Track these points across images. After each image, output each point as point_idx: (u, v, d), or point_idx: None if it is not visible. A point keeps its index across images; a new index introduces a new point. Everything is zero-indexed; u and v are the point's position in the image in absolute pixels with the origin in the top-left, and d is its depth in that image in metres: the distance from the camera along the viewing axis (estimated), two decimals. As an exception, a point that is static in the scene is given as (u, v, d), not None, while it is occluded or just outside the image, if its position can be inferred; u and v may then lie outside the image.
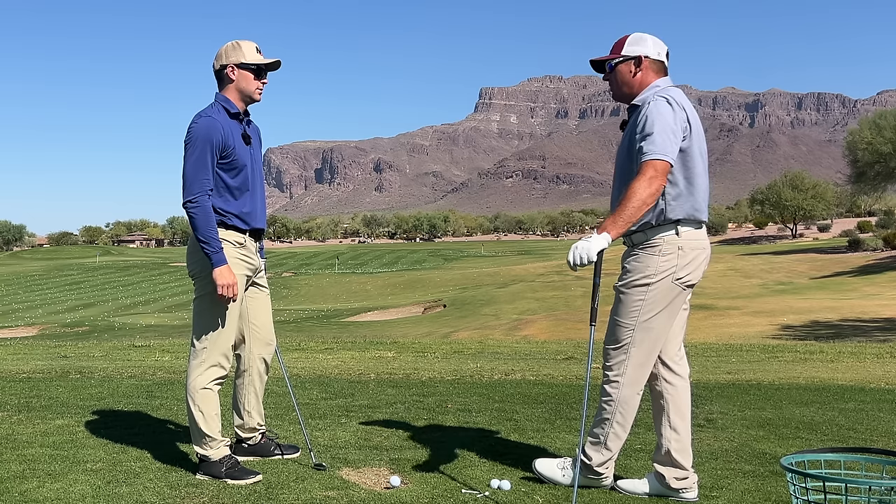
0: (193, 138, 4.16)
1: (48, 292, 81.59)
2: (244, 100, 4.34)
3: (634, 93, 4.02)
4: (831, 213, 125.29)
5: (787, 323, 33.33)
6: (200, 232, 4.15)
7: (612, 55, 4.05)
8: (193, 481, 4.24)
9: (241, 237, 4.35)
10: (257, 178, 4.42)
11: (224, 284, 4.17)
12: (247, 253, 4.39)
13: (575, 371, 9.02)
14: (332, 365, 9.76)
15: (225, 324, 4.30)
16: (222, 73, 4.30)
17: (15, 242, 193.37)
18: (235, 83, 4.29)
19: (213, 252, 4.17)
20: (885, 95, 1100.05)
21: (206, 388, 4.32)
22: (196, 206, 4.14)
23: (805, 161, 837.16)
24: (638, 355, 3.94)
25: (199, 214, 4.14)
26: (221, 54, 4.30)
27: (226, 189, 4.27)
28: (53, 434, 5.35)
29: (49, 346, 14.26)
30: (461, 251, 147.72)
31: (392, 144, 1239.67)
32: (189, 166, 4.15)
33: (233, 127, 4.26)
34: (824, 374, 8.93)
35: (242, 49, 4.27)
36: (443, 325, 42.62)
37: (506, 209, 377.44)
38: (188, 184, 4.15)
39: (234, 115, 4.29)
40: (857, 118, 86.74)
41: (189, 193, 4.15)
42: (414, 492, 4.05)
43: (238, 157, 4.25)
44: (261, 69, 4.31)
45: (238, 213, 4.32)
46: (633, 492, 4.08)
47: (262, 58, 4.31)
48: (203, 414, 4.31)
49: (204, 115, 4.22)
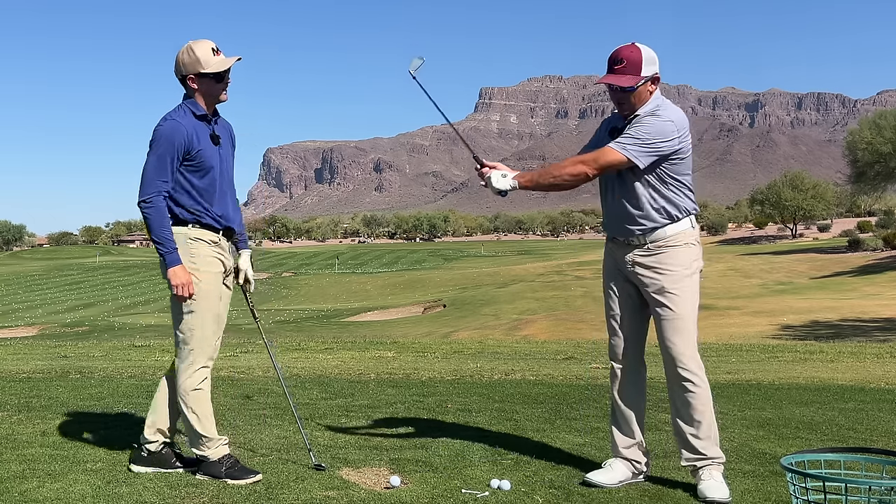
0: (156, 139, 4.17)
1: (48, 292, 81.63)
2: (210, 102, 4.33)
3: (641, 105, 4.16)
4: (831, 213, 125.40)
5: (787, 323, 33.35)
6: (154, 232, 4.16)
7: (632, 75, 4.08)
8: (193, 481, 4.24)
9: (216, 236, 4.34)
10: (226, 179, 4.39)
11: (178, 284, 4.17)
12: (221, 252, 4.37)
13: (575, 371, 9.02)
14: (332, 365, 9.77)
15: (207, 323, 4.28)
16: (184, 82, 4.28)
17: (15, 242, 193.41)
18: (199, 90, 4.27)
19: (167, 252, 4.18)
20: (885, 95, 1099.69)
21: (198, 389, 4.30)
22: (150, 206, 4.14)
23: (805, 161, 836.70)
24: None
25: (152, 215, 4.15)
26: (179, 64, 4.24)
27: (194, 190, 4.26)
28: (53, 434, 5.36)
29: (49, 346, 14.28)
30: (461, 251, 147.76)
31: (392, 144, 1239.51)
32: (149, 166, 4.17)
33: (199, 128, 4.25)
34: (824, 374, 8.94)
35: (199, 56, 4.18)
36: (443, 325, 42.63)
37: (506, 209, 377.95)
38: (145, 184, 4.16)
39: (200, 116, 4.28)
40: (857, 118, 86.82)
41: (144, 193, 4.15)
42: (414, 492, 4.05)
43: (205, 158, 4.24)
44: (221, 73, 4.26)
45: (209, 213, 4.30)
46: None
47: (220, 59, 4.24)
48: (197, 415, 4.30)
49: (169, 119, 4.22)
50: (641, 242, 4.20)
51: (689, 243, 4.19)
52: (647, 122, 4.07)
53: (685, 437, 4.15)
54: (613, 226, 4.29)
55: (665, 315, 4.15)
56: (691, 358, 4.13)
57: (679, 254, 4.16)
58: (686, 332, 4.14)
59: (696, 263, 4.21)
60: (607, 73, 4.14)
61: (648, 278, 4.19)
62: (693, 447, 4.13)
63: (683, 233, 4.17)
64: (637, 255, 4.21)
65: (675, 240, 4.16)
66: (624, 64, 4.09)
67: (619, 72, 4.09)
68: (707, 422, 4.13)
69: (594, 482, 4.18)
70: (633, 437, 4.32)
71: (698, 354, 4.17)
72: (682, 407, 4.15)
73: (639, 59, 4.08)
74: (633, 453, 4.31)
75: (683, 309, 4.14)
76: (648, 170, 4.11)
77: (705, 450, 4.11)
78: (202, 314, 4.27)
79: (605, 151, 4.11)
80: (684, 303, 4.14)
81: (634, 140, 4.05)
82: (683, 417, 4.15)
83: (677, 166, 4.14)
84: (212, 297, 4.30)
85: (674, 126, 4.07)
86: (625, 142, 4.06)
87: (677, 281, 4.14)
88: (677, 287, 4.14)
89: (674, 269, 4.15)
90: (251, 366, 9.34)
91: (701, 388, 4.12)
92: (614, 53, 4.14)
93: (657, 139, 4.03)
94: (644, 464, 4.35)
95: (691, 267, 4.17)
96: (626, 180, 4.17)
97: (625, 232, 4.23)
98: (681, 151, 4.11)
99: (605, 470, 4.27)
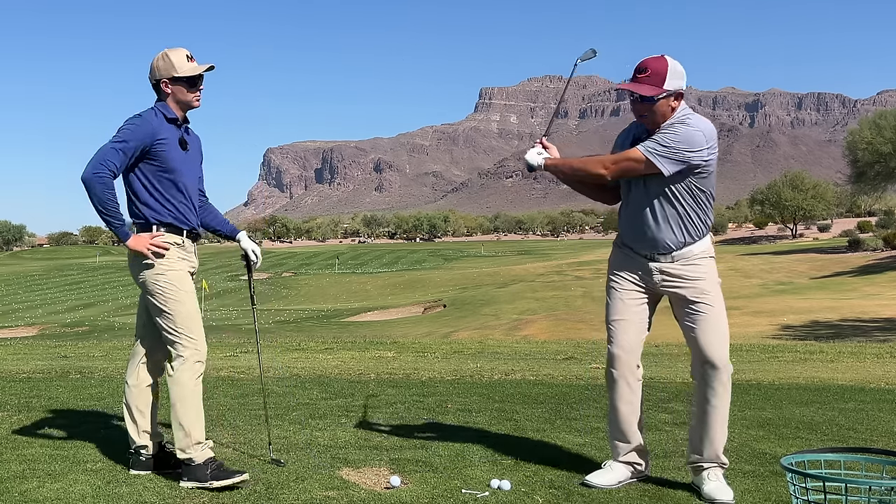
0: (122, 130, 4.19)
1: (48, 292, 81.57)
2: (182, 108, 4.36)
3: (664, 121, 4.09)
4: (831, 213, 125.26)
5: (787, 323, 33.30)
6: (103, 204, 4.09)
7: (653, 86, 4.00)
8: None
9: (179, 238, 4.34)
10: (192, 187, 4.39)
11: (144, 247, 4.19)
12: (186, 253, 4.38)
13: (575, 371, 9.02)
14: (332, 365, 9.77)
15: (189, 314, 4.27)
16: (158, 87, 4.32)
17: (15, 242, 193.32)
18: (172, 95, 4.31)
19: (120, 224, 4.18)
20: (885, 95, 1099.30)
21: (195, 382, 4.28)
22: (99, 177, 4.09)
23: (805, 161, 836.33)
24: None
25: (100, 187, 4.09)
26: (153, 69, 4.30)
27: (157, 191, 4.27)
28: (53, 434, 5.36)
29: (49, 346, 14.28)
30: (461, 251, 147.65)
31: (392, 144, 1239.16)
32: (105, 147, 4.15)
33: (168, 130, 4.28)
34: (824, 374, 8.94)
35: (173, 61, 4.25)
36: (443, 325, 42.59)
37: (506, 209, 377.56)
38: (96, 160, 4.11)
39: (171, 120, 4.31)
40: (857, 118, 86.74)
41: (95, 167, 4.10)
42: (414, 492, 4.05)
43: (170, 159, 4.25)
44: (194, 79, 4.31)
45: (172, 214, 4.30)
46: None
47: (193, 66, 4.29)
48: (190, 414, 4.25)
49: (138, 115, 4.27)
50: (670, 260, 4.16)
51: (713, 256, 4.23)
52: (675, 129, 3.98)
53: (703, 437, 4.14)
54: (641, 242, 4.19)
55: (703, 320, 4.11)
56: (727, 363, 4.13)
57: (707, 265, 4.18)
58: (725, 336, 4.15)
59: (717, 274, 4.25)
60: (630, 81, 4.07)
61: (681, 288, 4.15)
62: (710, 448, 4.13)
63: (709, 247, 4.20)
64: (668, 267, 4.16)
65: (701, 255, 4.16)
66: (648, 73, 4.01)
67: (642, 81, 4.01)
68: (724, 425, 4.15)
69: (594, 484, 4.16)
70: (632, 442, 4.29)
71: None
72: (709, 409, 4.12)
73: (664, 71, 3.99)
74: (632, 457, 4.30)
75: (719, 314, 4.14)
76: (676, 181, 4.02)
77: (718, 451, 4.12)
78: (186, 310, 4.26)
79: (627, 152, 4.06)
80: (720, 309, 4.16)
81: (660, 145, 3.97)
82: (708, 418, 4.13)
83: (706, 179, 4.06)
84: (186, 292, 4.30)
85: (703, 136, 3.98)
86: (650, 146, 3.99)
87: (711, 285, 4.15)
88: (713, 294, 4.14)
89: (707, 277, 4.16)
90: (251, 366, 9.34)
91: (727, 392, 4.14)
92: (641, 63, 4.06)
93: (683, 147, 3.94)
94: (644, 466, 4.34)
95: (717, 277, 4.21)
96: (652, 193, 4.08)
97: (652, 248, 4.16)
98: (710, 164, 4.04)
99: (604, 471, 4.26)
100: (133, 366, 4.50)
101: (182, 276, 4.31)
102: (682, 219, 4.08)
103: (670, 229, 4.09)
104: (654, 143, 3.98)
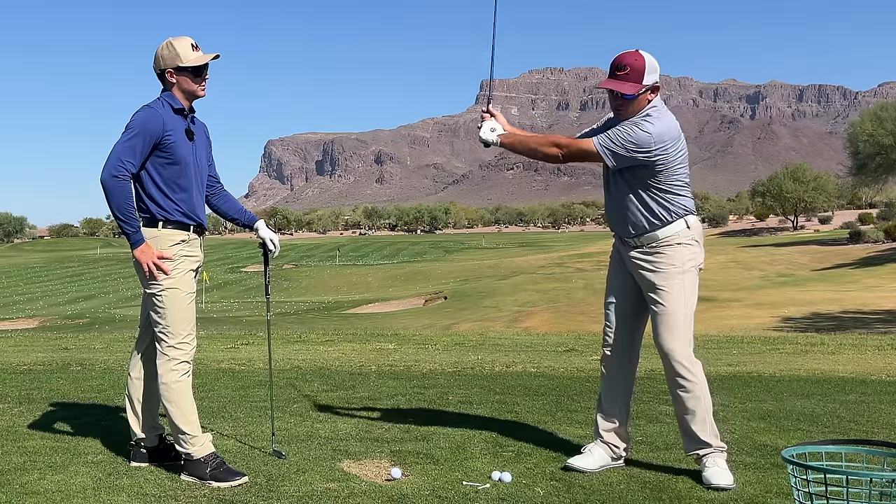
0: (132, 125, 4.17)
1: (49, 284, 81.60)
2: (188, 98, 4.33)
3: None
4: (832, 205, 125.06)
5: (788, 315, 33.28)
6: (120, 208, 4.10)
7: (634, 83, 4.11)
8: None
9: (185, 234, 4.31)
10: (194, 176, 4.35)
11: (148, 262, 4.16)
12: (191, 249, 4.35)
13: (576, 363, 9.02)
14: (333, 357, 9.77)
15: (183, 316, 4.25)
16: (163, 77, 4.29)
17: (16, 234, 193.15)
18: (177, 85, 4.28)
19: (133, 231, 4.16)
20: (887, 87, 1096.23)
21: (179, 382, 4.25)
22: (118, 180, 4.10)
23: (806, 153, 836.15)
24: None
25: (118, 190, 4.10)
26: (158, 58, 4.26)
27: (164, 184, 4.24)
28: (54, 426, 5.36)
29: (50, 338, 14.27)
30: (462, 243, 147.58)
31: (393, 136, 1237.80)
32: (119, 146, 4.14)
33: (175, 121, 4.25)
34: (825, 365, 8.93)
35: (178, 50, 4.22)
36: (444, 317, 42.60)
37: (507, 201, 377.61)
38: (113, 160, 4.11)
39: (178, 110, 4.28)
40: (859, 110, 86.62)
41: (112, 168, 4.10)
42: (415, 484, 4.05)
43: (177, 151, 4.23)
44: (199, 69, 4.28)
45: (179, 209, 4.28)
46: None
47: (198, 55, 4.25)
48: (180, 410, 4.24)
49: (147, 107, 4.25)
50: (637, 244, 4.29)
51: (682, 243, 4.24)
52: (627, 127, 4.14)
53: (683, 428, 4.29)
54: (612, 224, 4.41)
55: (656, 311, 4.24)
56: (683, 355, 4.19)
57: (671, 253, 4.23)
58: (676, 329, 4.19)
59: (692, 262, 4.25)
60: (609, 78, 4.17)
61: (642, 276, 4.29)
62: (691, 437, 4.25)
63: (677, 234, 4.23)
64: (635, 253, 4.31)
65: (667, 241, 4.23)
66: (627, 71, 4.12)
67: (622, 78, 4.13)
68: (700, 415, 4.21)
69: (574, 467, 4.28)
70: (615, 422, 4.43)
71: (691, 351, 4.22)
72: (676, 400, 4.28)
73: (642, 68, 4.12)
74: (612, 437, 4.43)
75: (674, 306, 4.19)
76: (633, 175, 4.18)
77: (704, 439, 4.20)
78: (181, 311, 4.24)
79: (581, 141, 4.26)
80: (675, 300, 4.20)
81: (610, 140, 4.13)
82: (679, 410, 4.29)
83: (662, 176, 4.16)
84: (186, 293, 4.28)
85: (650, 138, 4.07)
86: (601, 139, 4.16)
87: (668, 279, 4.21)
88: (667, 284, 4.20)
89: (664, 268, 4.22)
90: (252, 357, 9.34)
91: (692, 384, 4.20)
92: (617, 59, 4.16)
93: (632, 147, 4.10)
94: (623, 449, 4.46)
95: (685, 265, 4.22)
96: (618, 183, 4.27)
97: (621, 231, 4.36)
98: (663, 162, 4.12)
99: (584, 455, 4.38)
100: (136, 358, 4.50)
101: (184, 277, 4.29)
102: (641, 206, 4.23)
103: (632, 213, 4.26)
104: (605, 138, 4.15)
